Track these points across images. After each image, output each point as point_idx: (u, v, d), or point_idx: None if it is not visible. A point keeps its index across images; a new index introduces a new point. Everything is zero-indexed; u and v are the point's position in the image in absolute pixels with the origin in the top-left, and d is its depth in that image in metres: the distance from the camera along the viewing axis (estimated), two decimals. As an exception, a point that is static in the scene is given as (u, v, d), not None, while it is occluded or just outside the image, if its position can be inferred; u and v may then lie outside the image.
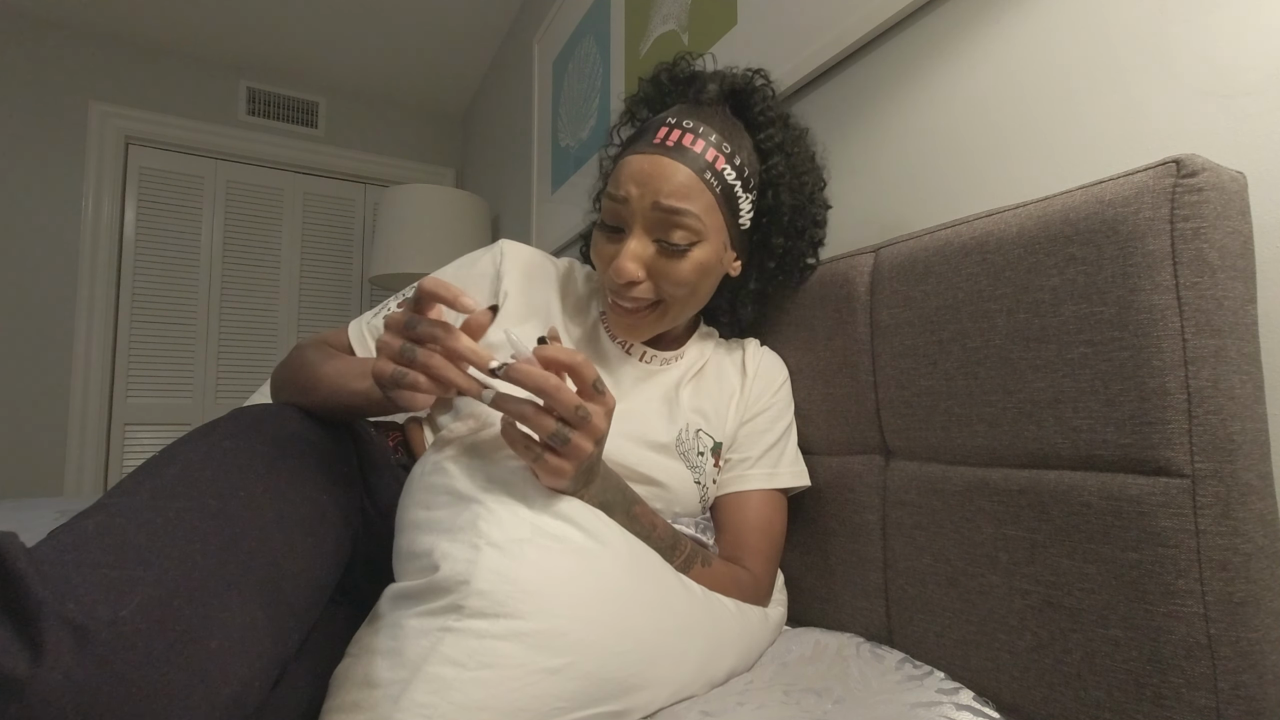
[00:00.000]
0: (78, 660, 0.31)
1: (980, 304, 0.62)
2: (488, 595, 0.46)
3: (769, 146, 0.76)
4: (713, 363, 0.82)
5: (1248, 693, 0.46)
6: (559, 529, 0.52)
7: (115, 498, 0.44)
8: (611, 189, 0.69)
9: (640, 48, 1.56)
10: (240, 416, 0.56)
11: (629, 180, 0.68)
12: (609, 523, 0.56)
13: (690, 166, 0.67)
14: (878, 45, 0.94)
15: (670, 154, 0.67)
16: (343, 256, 2.92)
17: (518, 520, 0.50)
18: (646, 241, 0.68)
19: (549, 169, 2.08)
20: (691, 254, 0.68)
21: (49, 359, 2.35)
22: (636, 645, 0.51)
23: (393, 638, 0.46)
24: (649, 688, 0.51)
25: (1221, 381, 0.48)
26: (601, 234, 0.71)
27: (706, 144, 0.69)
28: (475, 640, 0.44)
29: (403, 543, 0.54)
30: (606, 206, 0.70)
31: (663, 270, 0.68)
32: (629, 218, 0.68)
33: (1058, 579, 0.54)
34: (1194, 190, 0.49)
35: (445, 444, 0.58)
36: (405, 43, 2.63)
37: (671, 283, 0.69)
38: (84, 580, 0.34)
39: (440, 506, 0.53)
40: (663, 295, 0.70)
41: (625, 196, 0.68)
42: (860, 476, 0.75)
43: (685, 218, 0.67)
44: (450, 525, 0.50)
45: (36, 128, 2.38)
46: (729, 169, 0.70)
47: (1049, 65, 0.73)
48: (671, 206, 0.66)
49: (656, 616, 0.53)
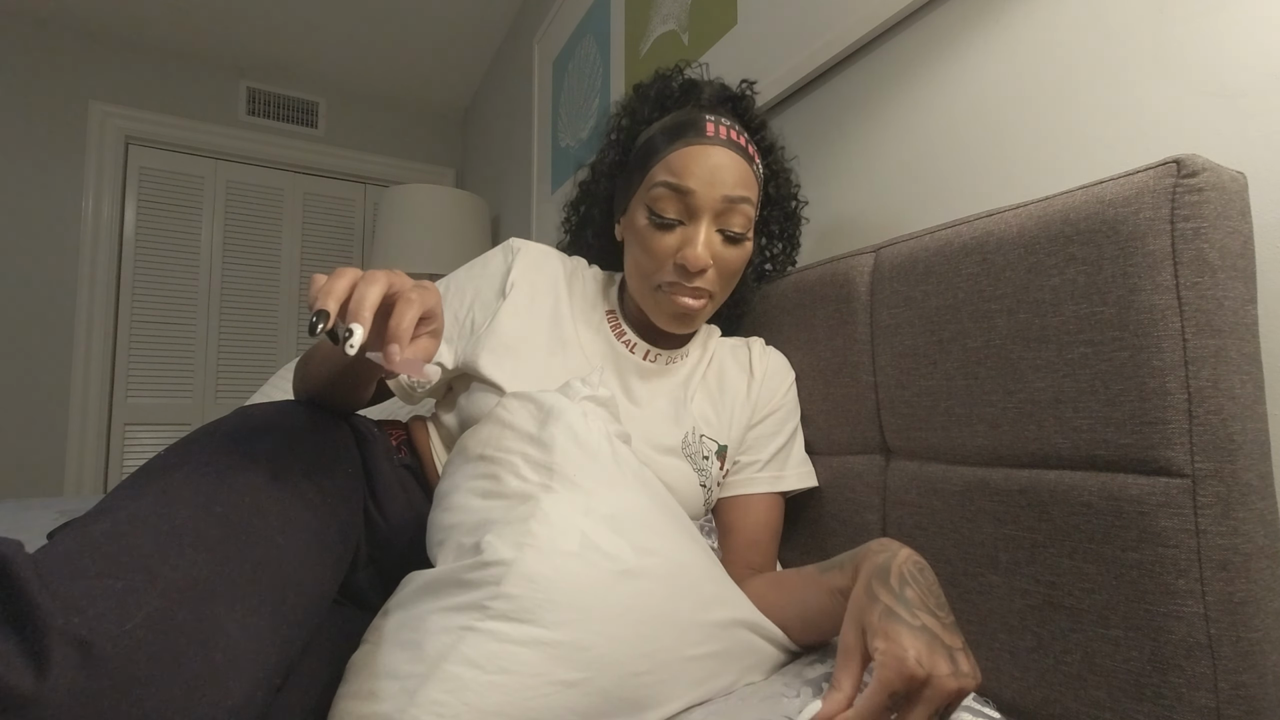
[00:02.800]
0: (83, 675, 0.31)
1: (980, 304, 0.62)
2: (515, 599, 0.45)
3: (765, 145, 0.81)
4: (717, 362, 0.82)
5: (1248, 693, 0.46)
6: (611, 544, 0.50)
7: (121, 501, 0.43)
8: (672, 180, 0.69)
9: (640, 48, 1.56)
10: (246, 417, 0.55)
11: (693, 172, 0.69)
12: (671, 538, 0.54)
13: (743, 159, 0.72)
14: (878, 45, 0.94)
15: (725, 145, 0.71)
16: (343, 256, 2.92)
17: (569, 528, 0.49)
18: (713, 231, 0.71)
19: (549, 169, 2.08)
20: (746, 243, 0.73)
21: (49, 359, 2.35)
22: (658, 668, 0.50)
23: (414, 630, 0.46)
24: (662, 706, 0.51)
25: (1222, 381, 0.48)
26: (654, 226, 0.71)
27: (746, 140, 0.74)
28: (496, 643, 0.44)
29: (446, 522, 0.53)
30: (662, 196, 0.70)
31: (723, 258, 0.72)
32: (696, 208, 0.70)
33: (1058, 579, 0.54)
34: (1194, 190, 0.49)
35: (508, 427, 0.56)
36: (405, 43, 2.63)
37: (728, 271, 0.73)
38: (90, 592, 0.34)
39: (498, 497, 0.52)
40: (715, 289, 0.73)
41: (692, 188, 0.69)
42: (860, 476, 0.75)
43: (747, 206, 0.71)
44: (503, 519, 0.50)
45: (36, 128, 2.38)
46: (758, 161, 0.76)
47: (1049, 65, 0.73)
48: (739, 196, 0.70)
49: (686, 641, 0.52)
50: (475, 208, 2.44)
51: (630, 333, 0.79)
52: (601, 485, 0.53)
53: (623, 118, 0.82)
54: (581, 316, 0.79)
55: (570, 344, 0.75)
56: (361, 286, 0.44)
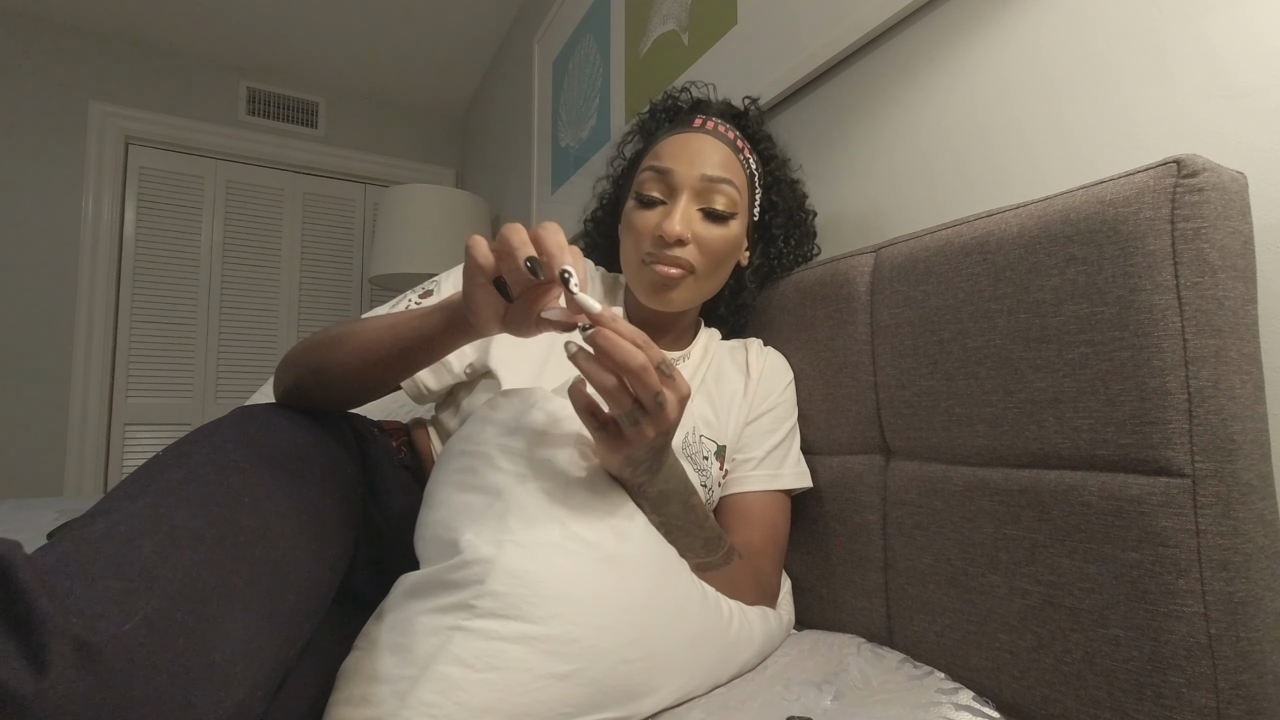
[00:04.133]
0: (82, 676, 0.31)
1: (980, 304, 0.62)
2: (501, 596, 0.45)
3: (768, 154, 0.86)
4: (716, 363, 0.82)
5: (1248, 693, 0.46)
6: (592, 534, 0.50)
7: (119, 502, 0.43)
8: (655, 162, 0.75)
9: (640, 48, 1.56)
10: (245, 417, 0.55)
11: (675, 154, 0.74)
12: (644, 527, 0.55)
13: (728, 147, 0.76)
14: (878, 45, 0.94)
15: (710, 134, 0.76)
16: (343, 256, 2.92)
17: (549, 520, 0.49)
18: (693, 207, 0.74)
19: (549, 169, 2.08)
20: (731, 224, 0.75)
21: (49, 359, 2.35)
22: (647, 654, 0.50)
23: (403, 633, 0.46)
24: (655, 693, 0.51)
25: (1222, 381, 0.48)
26: (638, 206, 0.76)
27: (736, 134, 0.79)
28: (485, 641, 0.44)
29: (429, 519, 0.53)
30: (646, 179, 0.75)
31: (703, 236, 0.74)
32: (675, 186, 0.74)
33: (1058, 579, 0.54)
34: (1194, 190, 0.49)
35: (488, 422, 0.56)
36: (405, 43, 2.63)
37: (709, 250, 0.74)
38: (88, 593, 0.34)
39: (475, 490, 0.52)
40: (696, 264, 0.74)
41: (671, 168, 0.74)
42: (861, 476, 0.75)
43: (728, 186, 0.74)
44: (481, 514, 0.50)
45: (36, 128, 2.38)
46: (752, 159, 0.81)
47: (1050, 65, 0.73)
48: (718, 175, 0.74)
49: (672, 626, 0.53)
50: (475, 208, 2.44)
51: None
52: (578, 469, 0.53)
53: (634, 133, 0.88)
54: None
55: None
56: (547, 236, 0.46)
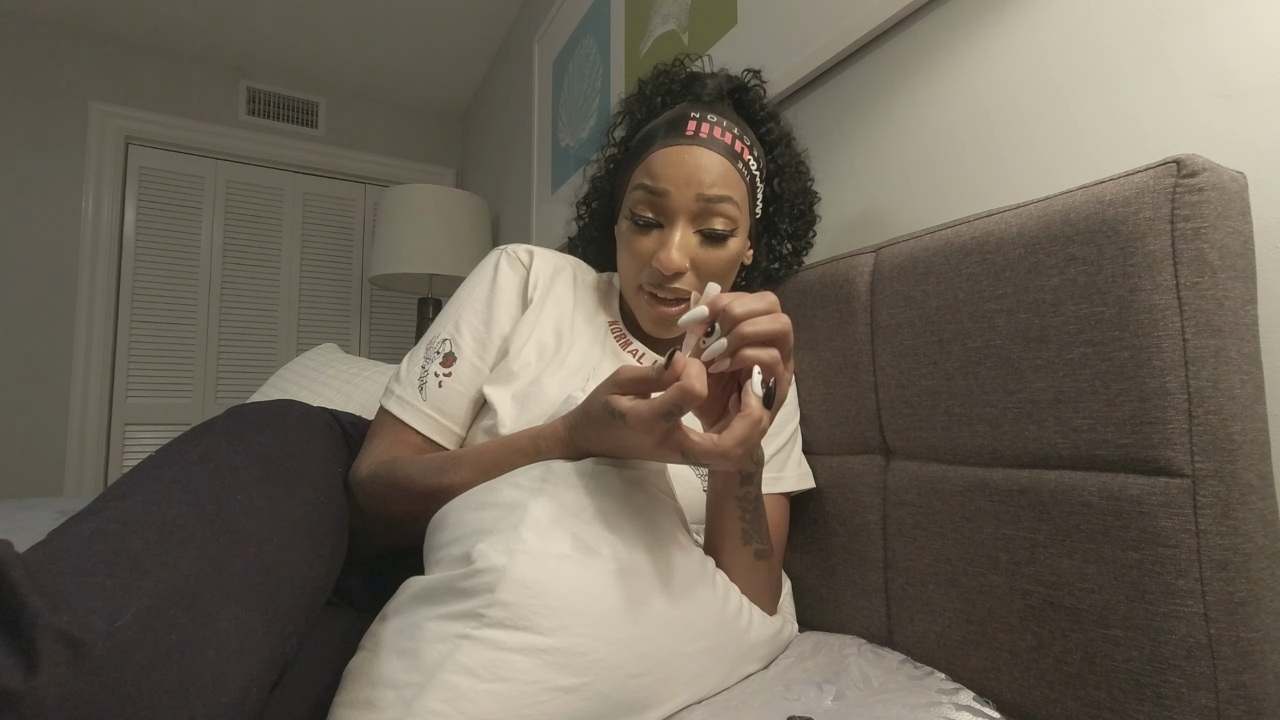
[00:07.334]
0: (73, 673, 0.31)
1: (980, 304, 0.62)
2: (510, 607, 0.45)
3: (771, 139, 0.79)
4: None
5: (1248, 693, 0.46)
6: (605, 545, 0.50)
7: (110, 501, 0.43)
8: (649, 182, 0.69)
9: (640, 48, 1.56)
10: (237, 416, 0.55)
11: (669, 174, 0.68)
12: (660, 539, 0.54)
13: (725, 157, 0.70)
14: (878, 45, 0.94)
15: (705, 145, 0.69)
16: (343, 256, 2.92)
17: (561, 531, 0.49)
18: (689, 232, 0.69)
19: (549, 169, 2.08)
20: (730, 243, 0.71)
21: (49, 359, 2.35)
22: (657, 667, 0.50)
23: (410, 638, 0.46)
24: (662, 705, 0.51)
25: (1222, 381, 0.48)
26: (633, 228, 0.71)
27: (733, 136, 0.71)
28: (492, 651, 0.44)
29: (442, 536, 0.53)
30: (640, 199, 0.70)
31: (703, 260, 0.70)
32: (671, 210, 0.69)
33: (1058, 579, 0.54)
34: (1194, 190, 0.49)
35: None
36: (405, 43, 2.63)
37: (710, 272, 0.71)
38: (79, 590, 0.34)
39: (491, 507, 0.51)
40: (692, 288, 0.71)
41: (666, 190, 0.68)
42: (861, 476, 0.75)
43: (727, 205, 0.69)
44: (495, 526, 0.49)
45: (36, 128, 2.38)
46: (752, 160, 0.73)
47: (1049, 65, 0.73)
48: (716, 195, 0.68)
49: (683, 639, 0.52)
50: (475, 208, 2.44)
51: (636, 343, 0.79)
52: (594, 482, 0.53)
53: (622, 115, 0.82)
54: (587, 332, 0.78)
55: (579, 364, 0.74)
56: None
